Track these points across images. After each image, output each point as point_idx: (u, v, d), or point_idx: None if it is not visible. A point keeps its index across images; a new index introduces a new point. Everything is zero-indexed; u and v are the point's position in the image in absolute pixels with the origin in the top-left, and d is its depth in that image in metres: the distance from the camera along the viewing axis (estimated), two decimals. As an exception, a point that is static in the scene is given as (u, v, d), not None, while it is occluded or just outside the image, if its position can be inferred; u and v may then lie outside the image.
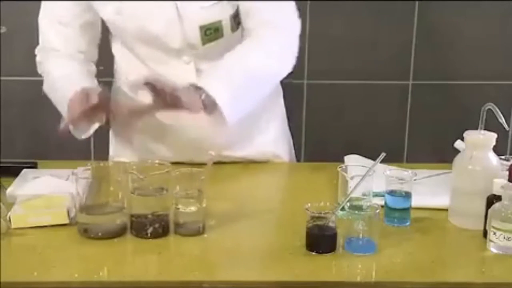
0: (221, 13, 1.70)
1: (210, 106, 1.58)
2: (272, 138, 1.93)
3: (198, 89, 1.59)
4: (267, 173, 1.86)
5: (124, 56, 1.82)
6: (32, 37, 2.42)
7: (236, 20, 1.73)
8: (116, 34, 1.80)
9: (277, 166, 1.91)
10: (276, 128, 1.95)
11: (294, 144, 2.07)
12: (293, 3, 1.76)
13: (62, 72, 1.78)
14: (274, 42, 1.72)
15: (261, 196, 1.67)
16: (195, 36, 1.70)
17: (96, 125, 1.70)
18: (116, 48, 1.84)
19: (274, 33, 1.72)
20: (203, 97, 1.58)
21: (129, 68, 1.81)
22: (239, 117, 1.64)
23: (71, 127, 1.65)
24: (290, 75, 1.96)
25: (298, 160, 2.36)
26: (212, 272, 1.28)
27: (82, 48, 1.81)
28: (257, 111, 1.82)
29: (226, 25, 1.71)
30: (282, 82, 2.00)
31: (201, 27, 1.69)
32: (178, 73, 1.70)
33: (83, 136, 1.72)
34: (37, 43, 2.42)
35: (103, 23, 1.80)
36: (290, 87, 2.03)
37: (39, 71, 1.87)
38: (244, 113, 1.67)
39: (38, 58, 1.86)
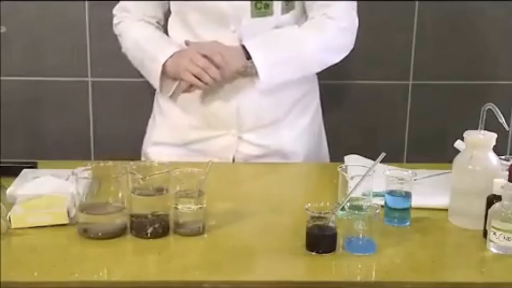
0: None
1: (250, 70, 1.80)
2: (294, 135, 1.95)
3: (245, 55, 1.79)
4: (267, 173, 1.86)
5: (176, 27, 1.91)
6: (32, 37, 2.43)
7: (289, 4, 1.84)
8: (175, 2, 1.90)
9: (277, 166, 1.91)
10: (303, 126, 1.97)
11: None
12: (355, 2, 1.89)
13: (146, 33, 1.92)
14: (331, 33, 1.87)
15: (261, 196, 1.67)
16: (246, 6, 1.79)
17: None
18: (171, 20, 1.94)
19: (334, 26, 1.86)
20: (249, 64, 1.79)
21: (179, 37, 1.89)
22: (271, 84, 1.82)
23: (190, 88, 1.83)
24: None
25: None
26: (212, 272, 1.28)
27: (157, 15, 1.95)
28: (288, 105, 1.92)
29: (277, 5, 1.81)
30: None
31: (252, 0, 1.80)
32: (222, 42, 1.81)
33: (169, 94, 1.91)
34: (37, 43, 2.44)
35: None
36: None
37: (116, 31, 1.97)
38: (277, 82, 1.84)
39: (115, 20, 1.97)
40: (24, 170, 1.69)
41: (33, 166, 1.74)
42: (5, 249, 1.32)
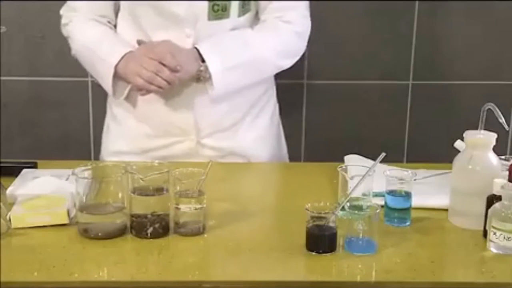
0: None
1: (204, 74, 1.75)
2: (254, 136, 1.92)
3: (199, 58, 1.74)
4: (267, 173, 1.86)
5: (127, 26, 1.84)
6: (31, 37, 2.43)
7: (245, 7, 1.79)
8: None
9: (277, 166, 1.91)
10: (263, 127, 1.94)
11: (290, 145, 2.06)
12: (307, 4, 1.86)
13: (96, 34, 1.83)
14: (286, 37, 1.83)
15: (261, 196, 1.67)
16: (203, 8, 1.74)
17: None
18: (121, 19, 1.86)
19: (289, 30, 1.82)
20: (202, 68, 1.75)
21: (130, 39, 1.82)
22: (225, 90, 1.78)
23: (142, 92, 1.76)
24: (289, 74, 1.97)
25: (298, 160, 2.36)
26: (212, 272, 1.28)
27: (108, 14, 1.85)
28: (246, 107, 1.88)
29: (235, 7, 1.77)
30: (280, 82, 2.01)
31: (210, 0, 1.73)
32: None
33: (122, 98, 1.84)
34: (37, 43, 2.43)
35: None
36: (290, 87, 2.03)
37: (64, 33, 1.90)
38: (231, 88, 1.79)
39: (63, 20, 1.89)
40: (24, 170, 1.69)
41: (33, 166, 1.74)
42: (5, 249, 1.32)
